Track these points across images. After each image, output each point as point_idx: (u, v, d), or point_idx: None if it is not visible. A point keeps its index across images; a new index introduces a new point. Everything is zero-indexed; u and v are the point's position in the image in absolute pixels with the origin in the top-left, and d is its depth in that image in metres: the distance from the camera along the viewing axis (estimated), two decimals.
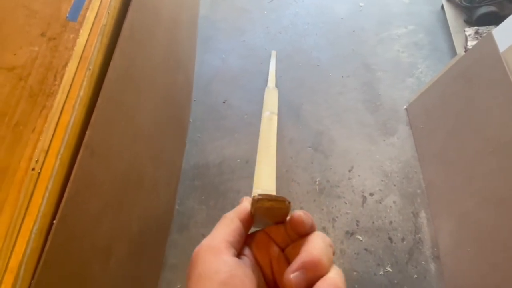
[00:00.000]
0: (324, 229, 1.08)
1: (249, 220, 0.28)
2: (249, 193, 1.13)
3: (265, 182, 0.48)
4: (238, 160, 1.19)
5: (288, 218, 0.27)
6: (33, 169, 0.43)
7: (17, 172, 0.42)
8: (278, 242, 0.27)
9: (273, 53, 1.41)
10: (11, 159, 0.43)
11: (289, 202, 0.26)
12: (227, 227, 0.26)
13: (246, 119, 1.27)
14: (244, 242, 0.27)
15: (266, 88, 1.20)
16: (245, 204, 0.28)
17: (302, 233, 0.26)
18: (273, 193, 0.46)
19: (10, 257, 0.39)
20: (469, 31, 1.28)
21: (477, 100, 0.92)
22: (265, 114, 0.79)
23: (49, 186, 0.44)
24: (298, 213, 0.26)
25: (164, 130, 0.94)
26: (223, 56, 1.44)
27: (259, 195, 0.25)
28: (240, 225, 0.26)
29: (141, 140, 0.74)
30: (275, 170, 0.55)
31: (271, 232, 0.28)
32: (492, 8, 1.30)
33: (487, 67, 0.89)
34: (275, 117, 0.79)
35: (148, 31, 0.75)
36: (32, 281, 0.41)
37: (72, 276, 0.50)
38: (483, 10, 1.31)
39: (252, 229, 0.29)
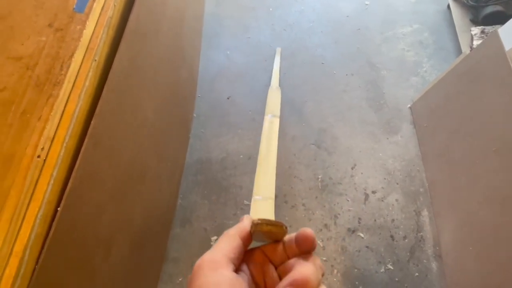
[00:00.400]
0: (326, 226, 1.08)
1: (248, 239, 0.29)
2: (250, 189, 1.13)
3: (264, 189, 0.50)
4: (241, 155, 1.19)
5: (286, 237, 0.29)
6: (38, 156, 0.44)
7: (23, 158, 0.43)
8: (273, 261, 0.29)
9: (278, 50, 1.42)
10: (17, 146, 0.44)
11: (286, 227, 0.28)
12: (229, 244, 0.28)
13: (250, 116, 1.28)
14: (242, 259, 0.29)
15: (269, 88, 1.20)
16: (246, 224, 0.30)
17: (306, 250, 0.28)
18: (272, 199, 0.48)
19: (15, 241, 0.40)
20: (475, 30, 1.28)
21: (481, 98, 0.92)
22: (267, 117, 0.79)
23: (54, 174, 0.44)
24: (309, 231, 0.27)
25: (168, 124, 0.94)
26: (228, 52, 1.44)
27: (259, 219, 0.28)
28: (240, 243, 0.28)
29: (145, 133, 0.75)
30: (275, 175, 0.56)
31: (267, 251, 0.30)
32: (498, 8, 1.29)
33: (493, 66, 0.89)
34: (277, 121, 0.78)
35: (154, 25, 0.76)
36: (36, 266, 0.42)
37: (75, 263, 0.51)
38: (490, 9, 1.30)
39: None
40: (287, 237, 0.29)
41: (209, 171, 1.16)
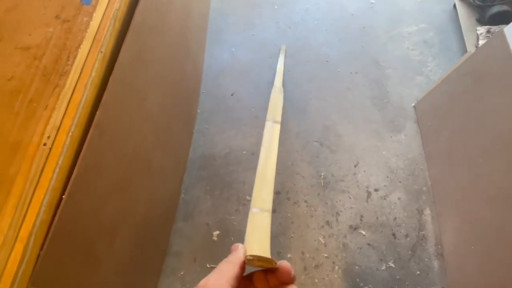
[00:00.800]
0: (327, 223, 1.08)
1: (244, 268, 0.33)
2: (253, 185, 1.13)
3: (261, 201, 0.51)
4: (244, 152, 1.20)
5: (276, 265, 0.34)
6: (44, 144, 0.44)
7: (30, 146, 0.44)
8: (258, 287, 0.34)
9: (283, 47, 1.42)
10: (24, 134, 0.44)
11: (275, 263, 0.33)
12: (231, 271, 0.31)
13: (254, 112, 1.28)
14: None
15: (272, 88, 1.19)
16: (241, 254, 0.34)
17: (284, 281, 0.32)
18: (269, 212, 0.49)
19: (20, 227, 0.41)
20: (481, 30, 1.27)
21: (485, 97, 0.92)
22: (268, 123, 0.78)
23: (60, 162, 0.45)
24: (285, 264, 0.32)
25: (172, 118, 0.95)
26: (233, 49, 1.44)
27: (251, 255, 0.34)
28: (240, 272, 0.32)
29: (149, 125, 0.75)
30: (273, 187, 0.56)
31: (254, 279, 0.34)
32: (505, 7, 1.28)
33: (497, 65, 0.88)
34: (278, 127, 0.78)
35: (160, 19, 0.76)
36: (41, 252, 0.42)
37: (79, 251, 0.52)
38: (496, 9, 1.30)
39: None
40: (278, 268, 0.33)
41: (212, 166, 1.17)
